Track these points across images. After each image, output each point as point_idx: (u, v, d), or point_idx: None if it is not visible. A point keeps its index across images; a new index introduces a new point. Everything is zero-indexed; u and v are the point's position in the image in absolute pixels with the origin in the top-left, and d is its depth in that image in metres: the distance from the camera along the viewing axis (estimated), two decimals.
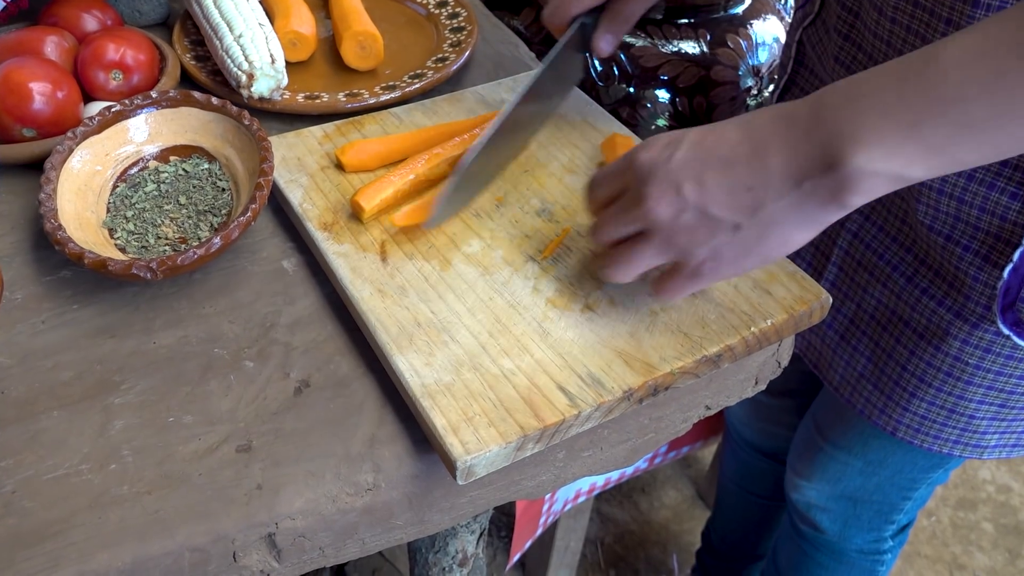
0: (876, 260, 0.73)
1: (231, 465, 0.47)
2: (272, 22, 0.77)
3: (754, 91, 0.98)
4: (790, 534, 1.03)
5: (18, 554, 0.43)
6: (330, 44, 0.83)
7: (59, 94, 0.65)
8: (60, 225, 0.55)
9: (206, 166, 0.64)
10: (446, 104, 0.73)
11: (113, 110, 0.63)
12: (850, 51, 0.69)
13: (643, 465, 1.37)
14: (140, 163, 0.64)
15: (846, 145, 0.42)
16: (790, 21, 0.82)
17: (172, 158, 0.65)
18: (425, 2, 0.88)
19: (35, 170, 0.64)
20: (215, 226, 0.60)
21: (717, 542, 1.28)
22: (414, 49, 0.82)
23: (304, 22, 0.78)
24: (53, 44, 0.70)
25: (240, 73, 0.70)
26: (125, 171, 0.64)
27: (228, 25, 0.72)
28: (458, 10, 0.86)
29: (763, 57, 0.98)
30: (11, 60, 0.65)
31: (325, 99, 0.73)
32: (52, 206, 0.57)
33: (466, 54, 0.79)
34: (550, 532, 1.25)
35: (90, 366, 0.52)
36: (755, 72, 0.97)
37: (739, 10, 0.99)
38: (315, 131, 0.69)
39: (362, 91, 0.75)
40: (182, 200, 0.62)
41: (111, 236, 0.59)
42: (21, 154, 0.63)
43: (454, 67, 0.78)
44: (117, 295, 0.57)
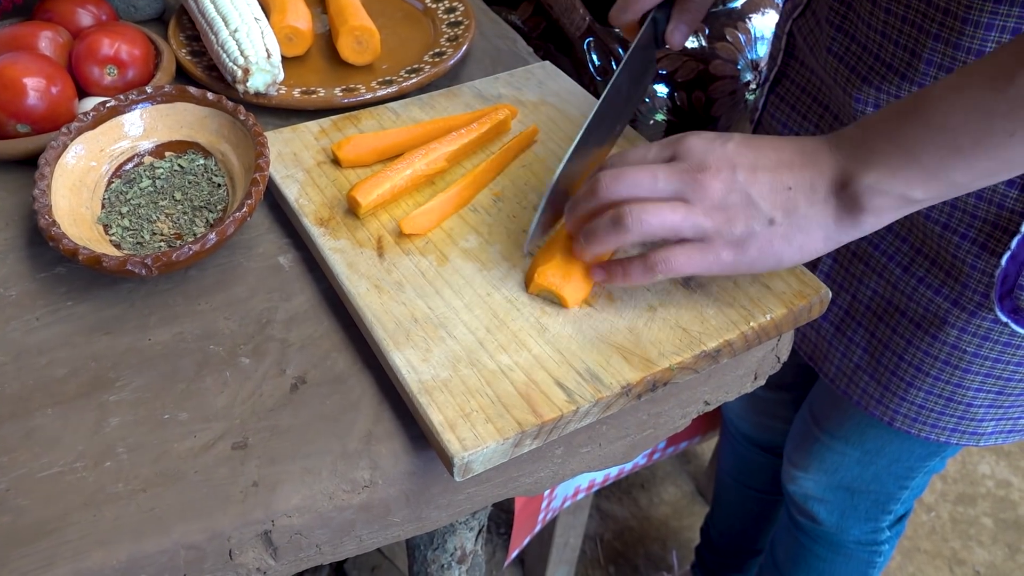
0: (871, 250, 0.73)
1: (227, 462, 0.47)
2: (268, 17, 0.77)
3: (753, 85, 0.97)
4: (788, 527, 1.03)
5: (13, 552, 0.42)
6: (326, 39, 0.82)
7: (53, 89, 0.64)
8: (54, 221, 0.55)
9: (202, 162, 0.64)
10: (443, 99, 0.73)
11: (108, 105, 0.63)
12: (843, 42, 0.68)
13: (642, 461, 1.36)
14: (135, 159, 0.64)
15: (857, 166, 0.48)
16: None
17: (167, 154, 0.65)
18: None
19: (29, 166, 0.64)
20: (211, 222, 0.60)
21: (716, 537, 1.27)
22: (411, 44, 0.82)
23: (300, 17, 0.77)
24: (47, 39, 0.70)
25: (236, 68, 0.70)
26: (120, 167, 0.63)
27: (224, 20, 0.72)
28: (455, 4, 0.86)
29: (762, 51, 0.98)
30: (5, 55, 0.65)
31: (321, 94, 0.73)
32: (46, 202, 0.57)
33: (463, 49, 0.79)
34: (549, 528, 1.24)
35: (85, 363, 0.52)
36: (754, 66, 0.97)
37: (738, 4, 0.99)
38: (311, 126, 0.68)
39: (359, 86, 0.74)
40: (177, 196, 0.62)
41: (106, 232, 0.59)
42: (15, 150, 0.63)
43: (451, 62, 0.77)
44: (112, 291, 0.57)
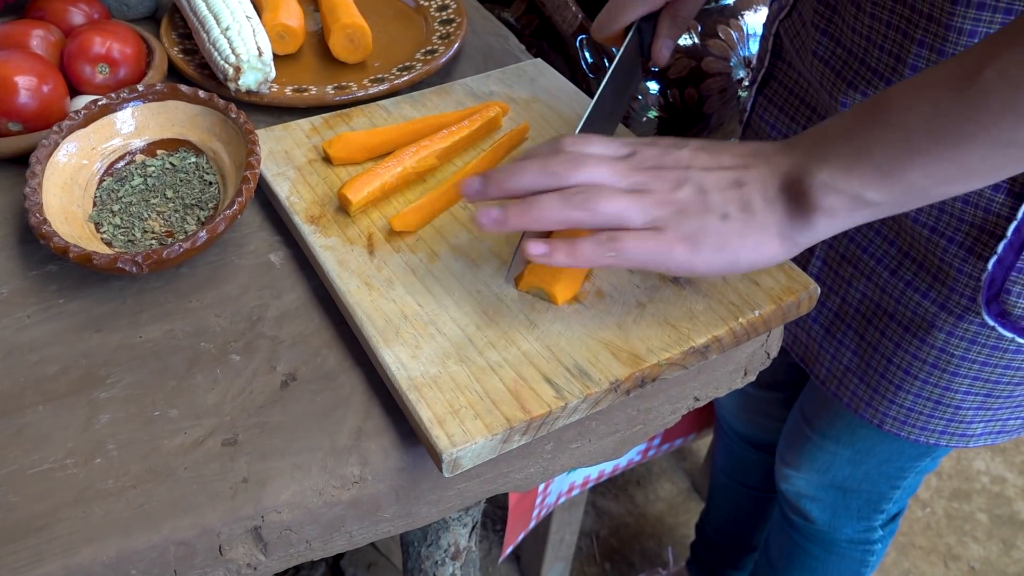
0: (860, 253, 0.73)
1: (217, 459, 0.47)
2: (260, 15, 0.77)
3: (746, 82, 0.98)
4: (781, 525, 1.04)
5: (2, 549, 0.43)
6: (318, 37, 0.82)
7: (45, 88, 0.64)
8: (45, 219, 0.55)
9: (193, 159, 0.64)
10: (435, 96, 0.73)
11: (99, 104, 0.63)
12: (828, 46, 0.68)
13: (637, 458, 1.37)
14: (127, 157, 0.64)
15: (812, 163, 0.47)
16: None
17: (159, 152, 0.65)
18: None
19: (20, 164, 0.64)
20: (202, 220, 0.60)
21: (711, 534, 1.28)
22: (403, 42, 0.82)
23: (292, 15, 0.77)
24: (39, 38, 0.70)
25: (227, 66, 0.70)
26: (112, 165, 0.63)
27: (215, 18, 0.72)
28: (447, 2, 0.86)
29: (754, 48, 0.98)
30: None
31: (313, 92, 0.73)
32: (37, 200, 0.57)
33: (455, 46, 0.79)
34: (545, 525, 1.25)
35: (76, 360, 0.52)
36: (747, 63, 0.97)
37: (731, 1, 0.99)
38: (303, 124, 0.68)
39: (350, 84, 0.74)
40: (169, 194, 0.62)
41: (97, 230, 0.59)
42: (6, 148, 0.63)
43: (443, 59, 0.77)
44: (103, 289, 0.57)
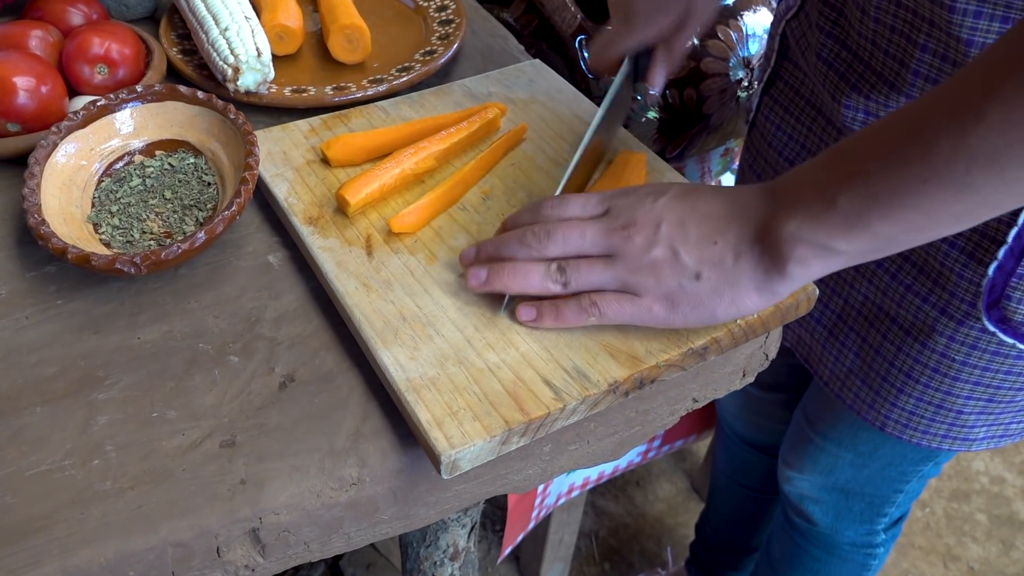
0: None
1: (215, 460, 0.47)
2: (259, 15, 0.77)
3: (745, 83, 0.98)
4: (783, 527, 1.04)
5: (0, 550, 0.43)
6: (317, 37, 0.82)
7: (43, 88, 0.64)
8: (44, 220, 0.55)
9: (192, 160, 0.64)
10: (433, 97, 0.73)
11: (98, 104, 0.63)
12: (833, 48, 0.68)
13: (636, 459, 1.37)
14: (125, 157, 0.64)
15: (782, 213, 0.47)
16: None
17: (158, 152, 0.65)
18: None
19: (19, 165, 0.64)
20: (200, 220, 0.60)
21: (711, 535, 1.28)
22: (402, 42, 0.82)
23: (291, 15, 0.77)
24: (38, 38, 0.70)
25: (226, 67, 0.70)
26: (110, 166, 0.63)
27: (214, 18, 0.72)
28: (447, 2, 0.86)
29: (754, 49, 0.98)
30: None
31: (312, 93, 0.73)
32: (36, 201, 0.57)
33: (454, 47, 0.79)
34: (544, 526, 1.25)
35: (74, 361, 0.52)
36: (746, 64, 0.97)
37: (730, 1, 0.99)
38: (301, 125, 0.68)
39: (349, 84, 0.74)
40: (167, 194, 0.62)
41: (96, 231, 0.59)
42: (5, 149, 0.63)
43: (442, 60, 0.77)
44: (102, 290, 0.57)
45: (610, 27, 0.66)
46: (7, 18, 0.75)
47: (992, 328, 0.65)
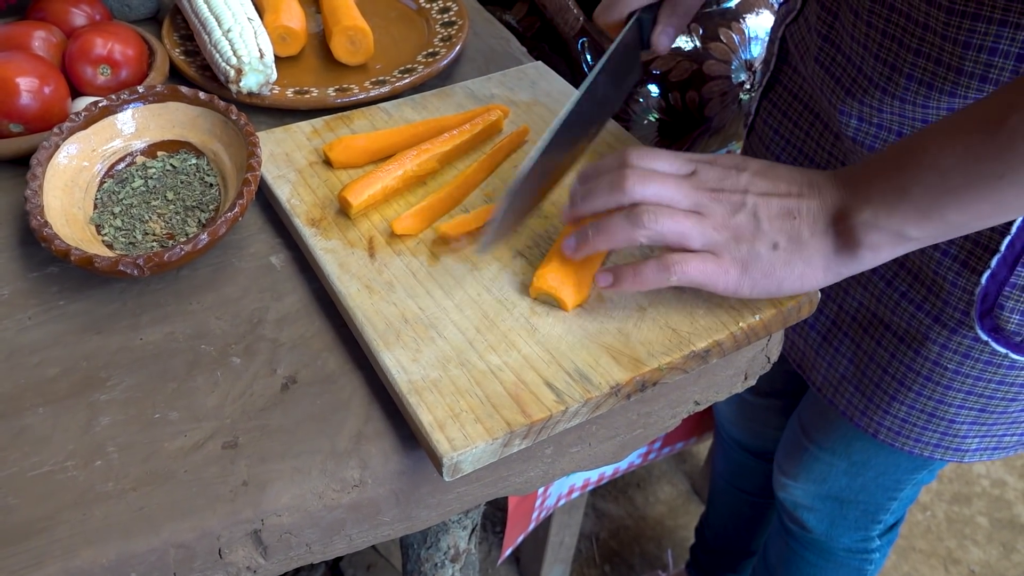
0: None
1: (217, 461, 0.47)
2: (261, 17, 0.77)
3: (747, 85, 0.98)
4: (779, 532, 1.03)
5: (2, 551, 0.43)
6: (320, 39, 0.82)
7: (46, 89, 0.64)
8: (46, 221, 0.55)
9: (194, 161, 0.64)
10: (435, 99, 0.73)
11: (100, 105, 0.63)
12: (829, 52, 0.68)
13: (637, 461, 1.37)
14: (127, 158, 0.64)
15: (856, 202, 0.50)
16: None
17: (160, 153, 0.65)
18: None
19: (21, 166, 0.64)
20: (203, 222, 0.60)
21: (710, 538, 1.28)
22: (404, 44, 0.82)
23: (294, 17, 0.77)
24: (41, 39, 0.70)
25: (228, 68, 0.70)
26: (112, 167, 0.63)
27: (217, 20, 0.72)
28: (449, 4, 0.86)
29: (756, 51, 0.98)
30: None
31: (314, 94, 0.73)
32: (38, 202, 0.57)
33: (456, 49, 0.79)
34: (544, 527, 1.25)
35: (76, 362, 0.52)
36: (748, 67, 0.97)
37: (732, 4, 0.99)
38: (304, 126, 0.68)
39: (352, 86, 0.74)
40: (169, 196, 0.62)
41: (98, 232, 0.59)
42: (7, 149, 0.63)
43: (444, 62, 0.77)
44: (104, 291, 0.57)
45: None
46: (10, 18, 0.75)
47: (985, 337, 0.65)
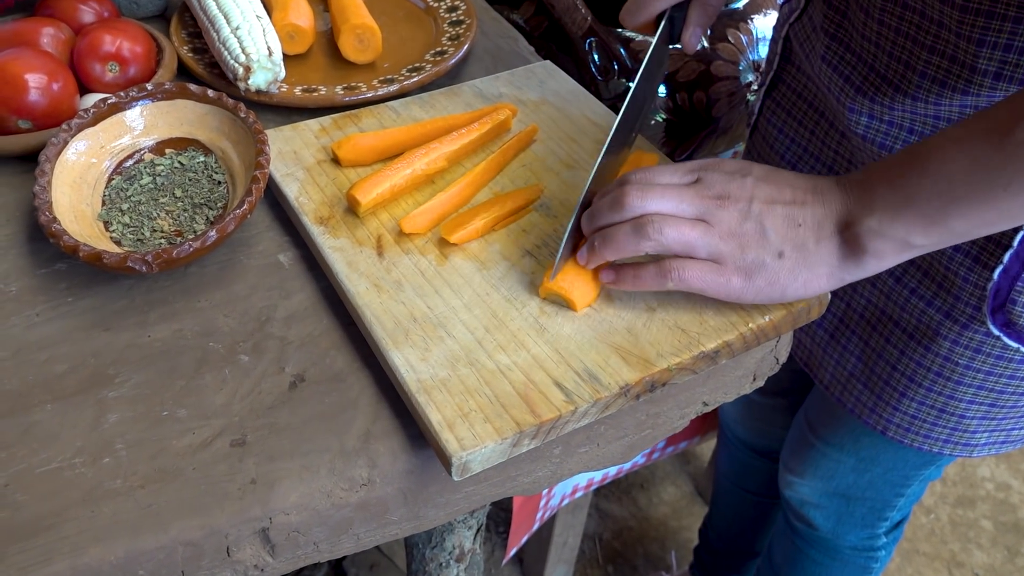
0: None
1: (225, 459, 0.47)
2: (270, 15, 0.77)
3: (754, 86, 0.97)
4: (785, 531, 1.03)
5: (10, 548, 0.43)
6: (328, 37, 0.82)
7: (55, 86, 0.64)
8: (55, 218, 0.55)
9: (202, 159, 0.64)
10: (443, 98, 0.73)
11: (109, 102, 0.63)
12: (838, 51, 0.68)
13: (641, 460, 1.36)
14: (136, 155, 0.64)
15: (861, 209, 0.50)
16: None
17: (168, 151, 0.65)
18: None
19: (30, 162, 0.64)
20: (211, 219, 0.60)
21: (714, 539, 1.27)
22: (412, 43, 0.82)
23: (302, 15, 0.77)
24: (49, 35, 0.70)
25: (237, 66, 0.70)
26: (121, 163, 0.63)
27: (225, 17, 0.72)
28: (457, 3, 0.86)
29: (764, 52, 0.98)
30: (7, 51, 0.65)
31: (322, 92, 0.73)
32: (47, 198, 0.57)
33: (464, 48, 0.79)
34: (548, 527, 1.24)
35: (84, 359, 0.52)
36: (756, 67, 0.97)
37: (740, 5, 0.99)
38: (312, 124, 0.68)
39: (360, 84, 0.74)
40: (178, 193, 0.62)
41: (106, 229, 0.59)
42: (16, 146, 0.63)
43: (452, 61, 0.77)
44: (112, 288, 0.57)
45: None
46: (19, 15, 0.75)
47: (996, 332, 0.65)
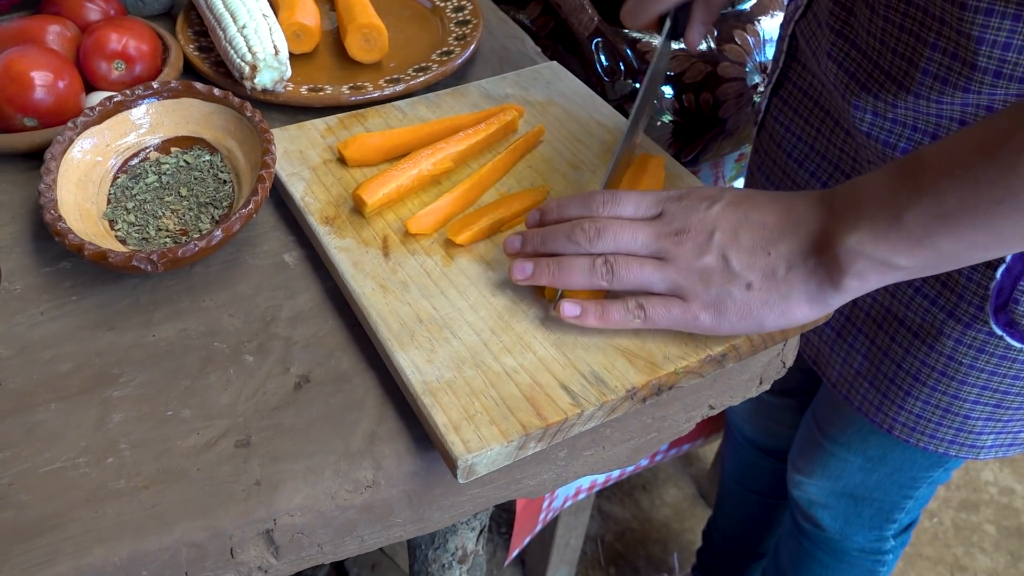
0: None
1: (230, 460, 0.47)
2: (276, 13, 0.76)
3: (760, 88, 0.97)
4: (792, 532, 1.03)
5: (14, 548, 0.42)
6: (334, 36, 0.82)
7: (60, 83, 0.64)
8: (60, 216, 0.55)
9: (207, 158, 0.64)
10: (450, 98, 0.72)
11: (114, 100, 0.63)
12: (843, 48, 0.68)
13: (644, 462, 1.36)
14: (141, 154, 0.64)
15: (842, 227, 0.47)
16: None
17: (173, 149, 0.64)
18: None
19: (35, 160, 0.63)
20: (216, 218, 0.60)
21: (719, 540, 1.27)
22: (419, 42, 0.82)
23: (308, 14, 0.77)
24: (55, 33, 0.70)
25: (243, 64, 0.69)
26: (126, 162, 0.63)
27: (232, 16, 0.72)
28: (463, 3, 0.86)
29: (770, 54, 0.98)
30: (13, 49, 0.64)
31: (329, 92, 0.72)
32: (52, 196, 0.57)
33: (471, 48, 0.79)
34: (550, 529, 1.24)
35: (89, 358, 0.52)
36: (762, 69, 0.97)
37: (747, 6, 0.99)
38: (318, 124, 0.68)
39: (366, 84, 0.74)
40: (183, 192, 0.61)
41: (112, 227, 0.59)
42: (21, 143, 0.63)
43: (459, 61, 0.77)
44: (117, 287, 0.56)
45: None
46: (25, 12, 0.75)
47: (999, 332, 0.65)
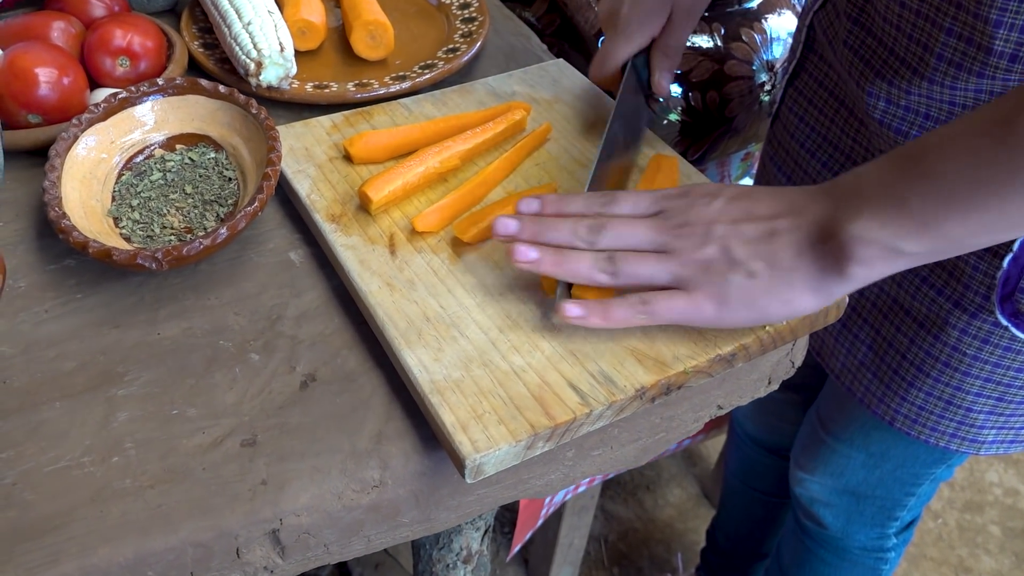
0: None
1: (235, 459, 0.47)
2: (282, 10, 0.76)
3: (768, 86, 0.97)
4: (794, 530, 1.03)
5: (18, 547, 0.42)
6: (340, 33, 0.82)
7: (65, 80, 0.64)
8: (64, 213, 0.55)
9: (212, 155, 0.63)
10: (456, 95, 0.72)
11: (119, 97, 0.62)
12: (859, 35, 0.68)
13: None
14: (146, 151, 0.63)
15: (846, 214, 0.46)
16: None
17: (178, 146, 0.64)
18: None
19: (40, 157, 0.63)
20: (221, 216, 0.59)
21: (722, 540, 1.27)
22: (425, 39, 0.81)
23: (314, 11, 0.77)
24: (59, 30, 0.69)
25: (248, 61, 0.69)
26: (131, 159, 0.63)
27: (237, 12, 0.71)
28: (470, 1, 0.85)
29: (777, 52, 0.97)
30: (17, 45, 0.64)
31: (334, 89, 0.72)
32: (56, 194, 0.56)
33: (477, 45, 0.78)
34: (554, 529, 1.24)
35: (93, 357, 0.51)
36: (769, 67, 0.96)
37: (754, 4, 0.98)
38: (323, 121, 0.68)
39: (372, 81, 0.74)
40: (188, 189, 0.61)
41: (116, 225, 0.59)
42: (26, 140, 0.63)
43: (465, 58, 0.76)
44: (122, 285, 0.56)
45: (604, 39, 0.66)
46: (29, 9, 0.75)
47: (1005, 322, 0.65)
